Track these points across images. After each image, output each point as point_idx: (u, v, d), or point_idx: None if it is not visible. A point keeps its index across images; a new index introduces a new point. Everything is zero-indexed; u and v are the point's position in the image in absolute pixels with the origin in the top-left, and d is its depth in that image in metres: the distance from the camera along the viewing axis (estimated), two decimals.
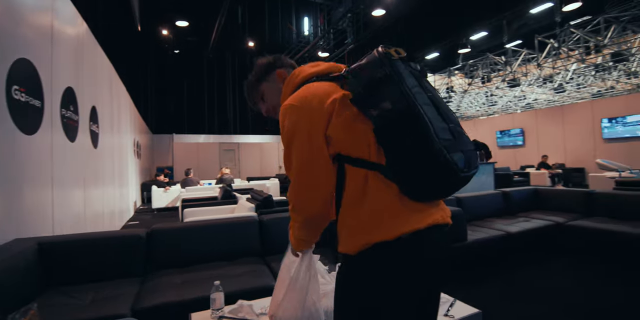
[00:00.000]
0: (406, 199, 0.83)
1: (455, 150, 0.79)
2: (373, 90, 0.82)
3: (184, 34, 14.02)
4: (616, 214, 3.67)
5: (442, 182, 0.82)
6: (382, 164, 0.83)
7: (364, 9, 10.83)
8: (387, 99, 0.80)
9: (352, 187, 0.86)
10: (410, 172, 0.81)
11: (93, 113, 4.22)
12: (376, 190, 0.83)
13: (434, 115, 0.80)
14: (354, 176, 0.86)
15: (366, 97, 0.83)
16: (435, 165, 0.78)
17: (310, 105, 0.87)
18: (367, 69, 0.85)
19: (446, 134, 0.79)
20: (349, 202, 0.86)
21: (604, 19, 7.52)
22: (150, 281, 2.13)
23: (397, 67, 0.83)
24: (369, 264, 0.84)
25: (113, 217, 5.22)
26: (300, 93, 0.92)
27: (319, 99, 0.88)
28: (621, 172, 7.22)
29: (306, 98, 0.89)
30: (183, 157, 13.87)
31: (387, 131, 0.82)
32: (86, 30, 4.20)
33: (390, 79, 0.81)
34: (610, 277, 2.89)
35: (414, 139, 0.78)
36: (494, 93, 11.90)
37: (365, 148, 0.85)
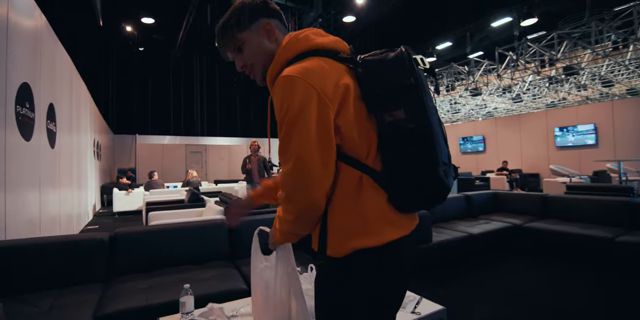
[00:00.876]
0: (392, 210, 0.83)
1: (449, 175, 0.81)
2: (394, 95, 0.77)
3: (150, 31, 13.54)
4: (567, 216, 3.95)
5: (433, 201, 0.83)
6: (376, 170, 0.81)
7: (334, 15, 10.99)
8: (401, 106, 0.77)
9: (345, 187, 0.81)
10: (406, 187, 0.80)
11: (50, 111, 3.98)
12: (370, 194, 0.80)
13: (440, 138, 0.80)
14: (348, 175, 0.81)
15: (384, 100, 0.78)
16: (435, 187, 0.79)
17: (323, 84, 0.75)
18: (391, 69, 0.79)
19: (445, 159, 0.80)
20: (340, 201, 0.81)
21: (557, 34, 8.11)
22: (114, 287, 2.04)
23: (422, 78, 0.80)
24: (355, 267, 0.81)
25: (70, 221, 4.93)
26: (309, 66, 0.77)
27: (332, 80, 0.77)
28: (572, 177, 7.77)
29: (318, 75, 0.76)
30: (147, 158, 13.31)
31: (394, 141, 0.79)
32: (45, 24, 3.97)
33: (416, 89, 0.77)
34: (564, 278, 3.10)
35: (420, 159, 0.77)
36: (457, 101, 12.45)
37: (365, 149, 0.81)
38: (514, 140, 11.99)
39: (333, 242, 0.82)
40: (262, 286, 1.34)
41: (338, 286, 0.84)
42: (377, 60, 0.80)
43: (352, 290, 0.83)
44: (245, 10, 0.90)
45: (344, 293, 0.84)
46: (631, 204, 3.52)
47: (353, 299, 0.83)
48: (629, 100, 9.32)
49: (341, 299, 0.84)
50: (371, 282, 0.83)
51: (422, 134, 0.76)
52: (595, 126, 9.71)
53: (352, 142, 0.80)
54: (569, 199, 4.08)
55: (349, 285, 0.83)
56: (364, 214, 0.80)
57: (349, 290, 0.83)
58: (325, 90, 0.75)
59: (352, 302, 0.83)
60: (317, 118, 0.74)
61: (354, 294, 0.83)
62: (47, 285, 2.03)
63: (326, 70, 0.78)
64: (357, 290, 0.83)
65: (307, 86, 0.74)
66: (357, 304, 0.83)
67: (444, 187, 0.79)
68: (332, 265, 0.84)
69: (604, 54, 7.92)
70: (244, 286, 2.11)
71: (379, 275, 0.83)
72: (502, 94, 11.22)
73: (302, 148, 0.75)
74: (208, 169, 14.63)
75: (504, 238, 3.83)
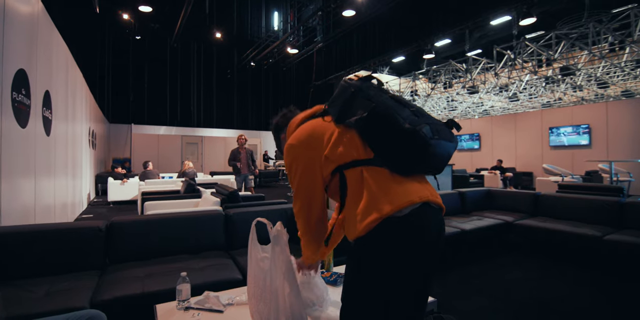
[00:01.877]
0: (397, 179, 1.00)
1: (420, 123, 0.98)
2: (348, 105, 1.07)
3: (147, 19, 13.36)
4: (558, 214, 4.02)
5: (417, 151, 0.99)
6: (371, 158, 1.03)
7: (334, 9, 10.91)
8: (359, 108, 1.04)
9: (352, 185, 1.04)
10: (392, 151, 1.01)
11: (46, 98, 3.95)
12: (371, 178, 1.00)
13: (396, 105, 1.03)
14: (353, 176, 1.04)
15: (345, 112, 1.07)
16: (407, 136, 0.97)
17: (305, 142, 1.12)
18: (339, 95, 1.11)
19: (408, 114, 1.01)
20: (352, 195, 1.04)
21: (555, 35, 8.15)
22: (110, 274, 2.06)
23: (358, 85, 1.08)
24: (376, 238, 0.97)
25: (65, 209, 4.92)
26: (296, 133, 1.17)
27: (308, 134, 1.13)
28: (564, 177, 7.88)
29: (300, 136, 1.14)
30: (142, 148, 13.23)
31: (367, 128, 1.03)
32: (42, 10, 3.92)
33: (357, 94, 1.06)
34: (553, 274, 3.17)
35: (386, 125, 1.00)
36: (454, 98, 12.49)
37: (355, 151, 1.05)
38: (508, 139, 12.08)
39: (352, 228, 1.02)
40: (258, 276, 1.36)
41: (364, 258, 0.99)
42: (332, 98, 1.15)
43: (376, 259, 0.97)
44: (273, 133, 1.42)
45: (369, 263, 0.98)
46: (621, 204, 3.59)
47: (378, 268, 0.96)
48: (623, 102, 9.42)
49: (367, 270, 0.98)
50: (396, 248, 0.96)
51: (375, 112, 1.01)
52: (589, 127, 9.82)
53: (343, 151, 1.05)
54: (560, 197, 4.15)
55: (373, 254, 0.97)
56: (369, 195, 0.99)
57: (373, 260, 0.97)
58: (307, 144, 1.12)
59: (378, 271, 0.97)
60: (303, 168, 1.12)
61: (379, 262, 0.97)
62: (42, 272, 2.04)
63: (307, 129, 1.15)
64: (381, 258, 0.96)
65: (295, 148, 1.14)
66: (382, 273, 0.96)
67: (414, 132, 0.96)
68: (357, 244, 1.01)
69: (600, 55, 7.97)
70: (239, 276, 2.14)
71: (400, 241, 0.96)
72: (498, 93, 11.28)
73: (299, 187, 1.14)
74: (204, 160, 14.60)
75: (496, 234, 3.90)
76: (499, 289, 2.76)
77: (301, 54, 15.11)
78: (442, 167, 1.08)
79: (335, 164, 1.07)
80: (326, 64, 17.03)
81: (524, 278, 3.02)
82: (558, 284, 2.88)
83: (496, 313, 2.35)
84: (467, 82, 10.59)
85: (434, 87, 11.96)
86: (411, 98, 12.40)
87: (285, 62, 16.76)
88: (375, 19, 11.86)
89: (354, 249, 1.03)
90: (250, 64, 16.01)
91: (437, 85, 11.94)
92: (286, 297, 1.26)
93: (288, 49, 14.12)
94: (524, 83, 10.13)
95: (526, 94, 11.41)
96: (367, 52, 17.01)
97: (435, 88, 11.99)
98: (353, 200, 1.03)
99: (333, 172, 1.08)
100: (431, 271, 1.05)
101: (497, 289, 2.78)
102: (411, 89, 12.37)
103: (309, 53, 14.77)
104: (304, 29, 15.75)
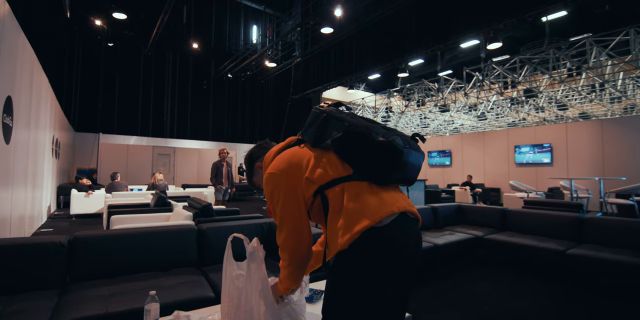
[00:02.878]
0: (375, 191, 1.05)
1: (391, 135, 1.06)
2: (322, 129, 1.14)
3: (121, 27, 13.08)
4: (524, 229, 4.19)
5: (391, 160, 1.05)
6: (351, 173, 1.08)
7: (313, 26, 11.14)
8: (334, 129, 1.11)
9: (333, 202, 1.06)
10: (369, 163, 1.07)
11: (8, 104, 3.73)
12: (351, 193, 1.04)
13: (366, 123, 1.11)
14: (333, 194, 1.07)
15: (320, 136, 1.13)
16: (381, 147, 1.04)
17: (284, 170, 1.13)
18: (312, 122, 1.18)
19: (379, 130, 1.08)
20: (333, 213, 1.06)
21: (519, 59, 8.68)
22: (72, 293, 1.92)
23: (329, 110, 1.16)
24: (358, 250, 0.98)
25: (22, 223, 4.59)
26: (274, 162, 1.17)
27: (286, 161, 1.15)
28: (529, 193, 8.25)
29: (279, 165, 1.15)
30: (110, 159, 12.69)
31: (343, 146, 1.10)
32: (7, 11, 3.76)
33: (330, 118, 1.14)
34: (520, 286, 3.27)
35: (361, 140, 1.06)
36: (427, 116, 12.93)
37: (335, 170, 1.09)
38: (478, 156, 12.56)
39: (334, 243, 1.04)
40: (233, 294, 1.32)
41: (347, 271, 1.00)
42: (305, 126, 1.21)
43: (360, 270, 0.98)
44: (246, 165, 1.42)
45: (353, 276, 0.99)
46: (581, 220, 3.79)
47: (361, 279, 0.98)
48: (581, 123, 10.08)
49: (351, 282, 0.99)
50: (377, 258, 0.98)
51: (349, 131, 1.08)
52: (550, 146, 10.39)
53: (323, 172, 1.09)
54: (526, 213, 4.32)
55: (356, 267, 0.98)
56: (350, 209, 1.02)
57: (357, 272, 0.98)
58: (286, 172, 1.13)
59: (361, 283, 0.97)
60: (284, 196, 1.11)
61: (363, 274, 0.97)
62: None
63: (284, 158, 1.17)
64: (365, 269, 0.98)
65: (275, 176, 1.13)
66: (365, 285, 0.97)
67: (387, 143, 1.04)
68: (340, 257, 1.02)
69: (560, 79, 8.55)
70: (211, 294, 2.06)
71: (381, 250, 0.98)
72: (468, 112, 11.79)
73: (283, 216, 1.13)
74: (176, 172, 14.17)
75: (467, 249, 3.99)
76: (470, 303, 2.81)
77: (279, 68, 15.22)
78: (414, 177, 1.14)
79: (317, 185, 1.09)
80: (304, 79, 17.22)
81: (494, 291, 3.09)
82: (527, 297, 2.96)
83: None
84: (439, 100, 11.02)
85: (408, 104, 12.35)
86: (386, 114, 12.72)
87: (263, 75, 16.80)
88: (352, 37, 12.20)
89: (335, 263, 1.03)
90: (227, 76, 15.93)
91: (410, 102, 12.34)
92: (261, 316, 1.22)
93: (266, 62, 14.19)
94: (491, 103, 10.66)
95: (493, 113, 11.99)
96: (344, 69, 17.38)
97: (409, 105, 12.37)
98: (334, 217, 1.05)
99: (314, 194, 1.10)
100: (410, 283, 1.07)
101: (468, 302, 2.82)
102: (386, 106, 12.70)
103: (287, 67, 14.91)
104: (282, 43, 15.93)
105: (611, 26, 7.31)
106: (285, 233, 1.13)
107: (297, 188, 1.11)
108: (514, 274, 3.58)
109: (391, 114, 12.88)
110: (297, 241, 1.13)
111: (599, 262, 3.06)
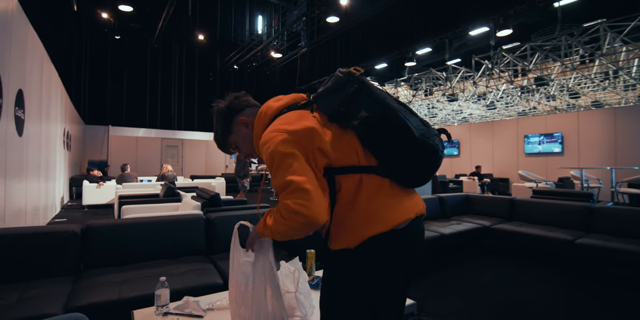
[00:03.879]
0: (396, 192, 0.94)
1: (431, 136, 0.93)
2: (349, 104, 0.93)
3: (128, 19, 13.09)
4: (533, 218, 4.16)
5: (428, 164, 0.94)
6: (374, 165, 0.94)
7: (318, 15, 11.01)
8: (362, 108, 0.92)
9: (346, 192, 0.93)
10: (401, 162, 0.93)
11: (19, 97, 3.80)
12: (371, 189, 0.92)
13: (405, 111, 0.94)
14: (348, 182, 0.93)
15: (344, 111, 0.93)
16: (420, 150, 0.91)
17: (296, 131, 0.90)
18: (335, 89, 0.95)
19: (420, 125, 0.94)
20: (345, 205, 0.93)
21: (530, 46, 8.49)
22: (85, 280, 1.99)
23: (362, 81, 0.94)
24: (369, 254, 0.92)
25: (36, 213, 4.72)
26: (278, 124, 0.95)
27: (301, 124, 0.92)
28: (538, 183, 8.16)
29: (289, 124, 0.93)
30: (119, 151, 12.87)
31: (371, 134, 0.93)
32: (16, 6, 3.79)
33: (361, 91, 0.92)
34: (527, 276, 3.27)
35: (397, 134, 0.91)
36: (435, 106, 12.78)
37: (355, 156, 0.94)
38: (486, 146, 12.43)
39: (341, 237, 0.94)
40: (240, 280, 1.35)
41: (353, 272, 0.94)
42: (323, 90, 0.98)
43: (366, 274, 0.93)
44: (220, 118, 1.12)
45: (358, 279, 0.94)
46: (590, 209, 3.75)
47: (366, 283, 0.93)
48: (593, 112, 9.87)
49: (355, 284, 0.94)
50: (384, 264, 0.93)
51: (387, 117, 0.91)
52: (561, 135, 10.22)
53: (341, 155, 0.93)
54: (534, 202, 4.30)
55: (363, 270, 0.93)
56: (366, 206, 0.92)
57: (362, 275, 0.93)
58: (296, 135, 0.90)
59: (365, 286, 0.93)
60: (291, 163, 0.88)
61: (368, 278, 0.93)
62: (14, 278, 1.96)
63: (293, 119, 0.95)
64: (371, 274, 0.93)
65: (280, 140, 0.89)
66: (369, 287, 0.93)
67: (428, 146, 0.91)
68: (346, 256, 0.94)
69: (572, 66, 8.35)
70: (220, 281, 2.11)
71: (391, 257, 0.93)
72: (477, 101, 11.62)
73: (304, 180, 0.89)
74: (184, 163, 14.32)
75: (474, 238, 3.99)
76: (474, 291, 2.83)
77: (285, 59, 15.13)
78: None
79: (329, 162, 0.92)
80: (310, 69, 17.11)
81: (500, 280, 3.10)
82: (532, 286, 2.97)
83: (472, 314, 2.40)
84: (447, 90, 10.87)
85: (415, 94, 12.21)
86: None
87: (269, 66, 16.74)
88: (359, 26, 12.02)
89: (337, 259, 0.97)
90: (233, 67, 15.90)
91: (418, 92, 12.19)
92: (268, 301, 1.25)
93: (272, 53, 14.11)
94: (501, 92, 10.48)
95: (503, 102, 11.80)
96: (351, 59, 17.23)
97: (416, 95, 12.24)
98: (346, 208, 0.93)
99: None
100: (411, 275, 1.07)
101: (473, 290, 2.84)
102: (393, 96, 12.56)
103: (293, 58, 14.82)
104: (288, 33, 15.81)
105: (626, 11, 7.08)
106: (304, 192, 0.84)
107: (309, 155, 0.91)
108: (520, 264, 3.58)
109: None
110: (322, 207, 0.86)
111: (607, 251, 3.05)
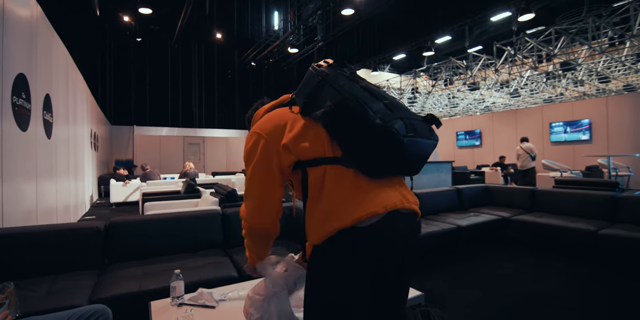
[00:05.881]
0: (362, 183, 0.91)
1: (393, 118, 0.87)
2: (314, 96, 0.97)
3: (147, 21, 13.44)
4: (554, 209, 4.04)
5: (391, 151, 0.88)
6: (339, 156, 0.93)
7: (333, 8, 10.92)
8: (327, 99, 0.94)
9: (313, 185, 0.95)
10: (362, 150, 0.91)
11: (47, 101, 4.01)
12: (333, 182, 0.91)
13: (367, 96, 0.92)
14: (314, 175, 0.94)
15: (311, 104, 0.97)
16: (377, 135, 0.87)
17: (268, 130, 1.01)
18: (306, 83, 1.01)
19: (381, 108, 0.90)
20: (312, 199, 0.95)
21: (554, 30, 8.11)
22: (109, 273, 2.12)
23: (326, 73, 0.98)
24: (330, 250, 0.90)
25: (67, 211, 5.00)
26: (261, 121, 1.07)
27: (272, 122, 1.02)
28: (563, 172, 7.87)
29: (265, 124, 1.03)
30: (144, 150, 13.34)
31: (333, 123, 0.93)
32: (40, 14, 3.98)
33: (325, 83, 0.96)
34: (547, 268, 3.19)
35: (353, 120, 0.89)
36: (455, 95, 12.46)
37: (321, 148, 0.95)
38: (509, 135, 12.05)
39: (311, 234, 0.95)
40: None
41: (318, 269, 0.93)
42: (299, 86, 1.04)
43: (330, 271, 0.91)
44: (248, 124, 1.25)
45: (323, 275, 0.92)
46: (616, 199, 3.60)
47: (332, 279, 0.90)
48: (623, 96, 9.37)
49: (322, 282, 0.92)
50: (348, 262, 0.89)
51: (343, 104, 0.91)
52: (590, 122, 9.77)
53: (308, 148, 0.95)
54: (556, 192, 4.16)
55: (326, 266, 0.91)
56: (328, 200, 0.91)
57: (327, 271, 0.91)
58: (269, 132, 1.00)
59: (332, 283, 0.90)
60: (260, 157, 0.99)
61: (332, 274, 0.90)
62: (43, 272, 2.10)
63: (271, 117, 1.05)
64: (335, 271, 0.90)
65: (256, 135, 1.02)
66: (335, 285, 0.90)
67: (385, 128, 0.86)
68: (314, 252, 0.94)
69: (600, 50, 7.93)
70: (235, 274, 2.18)
71: (354, 253, 0.89)
72: (499, 89, 11.24)
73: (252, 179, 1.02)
74: (206, 161, 14.67)
75: (493, 230, 3.92)
76: (492, 283, 2.79)
77: (302, 53, 15.13)
78: (418, 168, 0.97)
79: (297, 157, 0.97)
80: None
81: (519, 272, 3.04)
82: (552, 278, 2.90)
83: (490, 306, 2.38)
84: (467, 78, 10.57)
85: (435, 84, 11.94)
86: (412, 95, 12.40)
87: (286, 62, 16.79)
88: (375, 17, 11.85)
89: (311, 257, 0.96)
90: (251, 64, 16.06)
91: (437, 82, 11.91)
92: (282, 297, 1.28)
93: (288, 48, 14.14)
94: (525, 79, 10.09)
95: (527, 89, 11.36)
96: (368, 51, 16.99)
97: (436, 85, 11.97)
98: (312, 203, 0.95)
99: (295, 168, 0.99)
100: (401, 276, 1.02)
101: (490, 282, 2.80)
102: (412, 87, 12.36)
103: (310, 52, 14.79)
104: (304, 28, 15.75)
105: None
106: (250, 199, 1.03)
107: (273, 154, 0.98)
108: (540, 256, 3.49)
109: (417, 95, 12.53)
110: (259, 210, 1.02)
111: (633, 242, 2.93)
